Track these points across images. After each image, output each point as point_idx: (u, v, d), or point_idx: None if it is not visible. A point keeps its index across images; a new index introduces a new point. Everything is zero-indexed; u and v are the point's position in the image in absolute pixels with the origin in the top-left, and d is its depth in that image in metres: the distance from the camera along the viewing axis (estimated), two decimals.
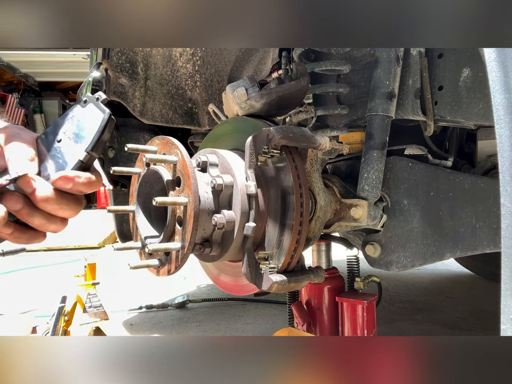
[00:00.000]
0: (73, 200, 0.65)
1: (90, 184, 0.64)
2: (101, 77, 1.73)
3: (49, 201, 0.62)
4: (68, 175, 0.62)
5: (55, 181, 0.61)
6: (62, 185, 0.62)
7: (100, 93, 0.69)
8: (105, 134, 0.66)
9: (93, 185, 0.65)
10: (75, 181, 0.62)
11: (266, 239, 1.01)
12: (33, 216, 0.63)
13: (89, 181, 0.64)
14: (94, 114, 0.67)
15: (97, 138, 0.65)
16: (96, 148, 0.65)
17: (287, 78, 1.20)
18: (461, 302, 2.97)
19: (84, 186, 0.64)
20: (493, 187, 1.11)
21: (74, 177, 0.62)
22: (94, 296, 2.08)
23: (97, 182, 0.66)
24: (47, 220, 0.64)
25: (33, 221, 0.64)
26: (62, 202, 0.63)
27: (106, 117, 0.66)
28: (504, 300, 0.56)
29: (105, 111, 0.66)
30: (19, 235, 0.65)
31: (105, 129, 0.66)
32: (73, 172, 0.63)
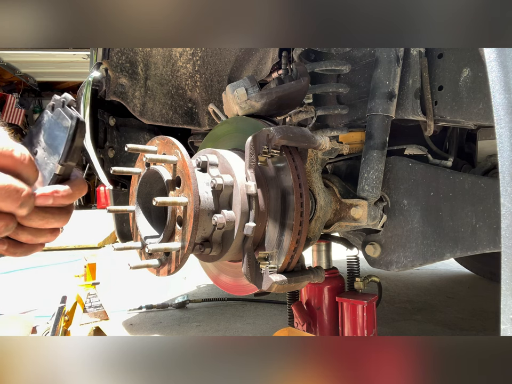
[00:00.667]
0: (58, 212, 0.65)
1: (71, 196, 0.64)
2: (101, 77, 1.73)
3: (33, 219, 0.62)
4: (45, 192, 0.62)
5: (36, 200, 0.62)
6: (42, 203, 0.62)
7: (65, 95, 0.66)
8: (77, 140, 0.63)
9: (75, 195, 0.65)
10: (54, 196, 0.62)
11: (266, 239, 1.01)
12: (19, 234, 0.63)
13: (69, 193, 0.64)
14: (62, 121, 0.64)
15: (68, 148, 0.63)
16: (70, 157, 0.63)
17: (287, 78, 1.20)
18: (461, 302, 2.97)
19: (64, 199, 0.64)
20: (493, 187, 1.11)
21: (52, 193, 0.62)
22: (94, 296, 2.08)
23: (78, 191, 0.65)
24: (34, 235, 0.64)
25: (20, 238, 0.64)
26: (47, 217, 0.63)
27: (73, 123, 0.63)
28: (504, 300, 0.56)
29: (73, 117, 0.63)
30: (14, 250, 0.66)
31: (75, 136, 0.63)
32: (51, 188, 0.63)
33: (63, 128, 0.64)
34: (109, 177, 1.90)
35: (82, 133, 0.64)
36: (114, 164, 1.89)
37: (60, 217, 0.65)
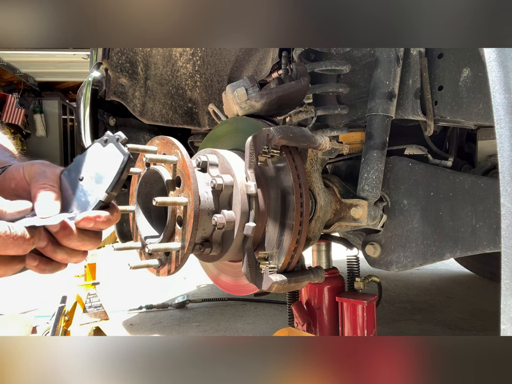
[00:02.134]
0: (93, 235, 0.69)
1: (109, 222, 0.69)
2: (101, 77, 1.73)
3: (72, 239, 0.66)
4: (90, 215, 0.66)
5: (78, 222, 0.66)
6: (84, 225, 0.66)
7: (119, 133, 0.72)
8: (124, 174, 0.69)
9: (112, 222, 0.70)
10: (96, 221, 0.66)
11: (266, 239, 1.01)
12: (56, 253, 0.67)
13: (109, 219, 0.68)
14: (114, 155, 0.71)
15: (116, 180, 0.68)
16: (116, 188, 0.69)
17: (287, 78, 1.20)
18: (461, 302, 2.97)
19: (103, 224, 0.68)
20: (493, 187, 1.11)
21: (95, 217, 0.66)
22: (94, 296, 2.08)
23: (115, 218, 0.70)
24: (69, 255, 0.68)
25: (56, 256, 0.68)
26: (84, 239, 0.68)
27: (125, 159, 0.70)
28: (504, 300, 0.56)
29: (125, 153, 0.70)
30: (44, 267, 0.69)
31: (124, 170, 0.69)
32: (95, 212, 0.67)
33: (113, 161, 0.70)
34: None
35: (129, 168, 0.70)
36: None
37: (95, 240, 0.69)
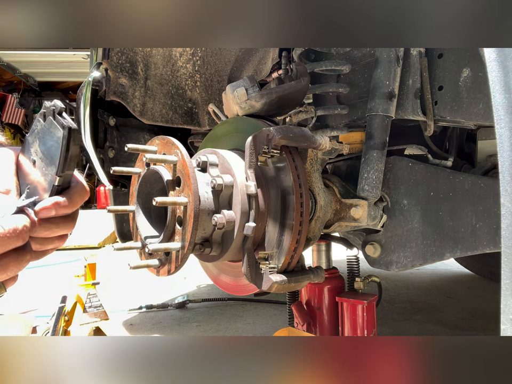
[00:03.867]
0: (62, 220, 0.66)
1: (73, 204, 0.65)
2: (101, 77, 1.73)
3: (39, 230, 0.64)
4: (46, 205, 0.63)
5: (37, 214, 0.63)
6: (45, 215, 0.63)
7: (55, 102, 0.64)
8: (72, 149, 0.62)
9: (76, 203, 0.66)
10: (56, 208, 0.64)
11: (266, 239, 1.01)
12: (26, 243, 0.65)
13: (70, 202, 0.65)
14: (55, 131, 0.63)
15: (63, 159, 0.62)
16: (66, 167, 0.63)
17: (287, 78, 1.20)
18: (461, 302, 2.97)
19: (66, 209, 0.65)
20: (493, 187, 1.11)
21: (53, 205, 0.63)
22: (94, 296, 2.08)
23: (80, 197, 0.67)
24: (42, 243, 0.67)
25: None
26: (51, 227, 0.65)
27: (66, 133, 0.62)
28: (504, 300, 0.56)
29: (64, 126, 0.62)
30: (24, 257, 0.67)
31: (69, 146, 0.62)
32: (51, 200, 0.64)
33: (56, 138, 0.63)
34: (109, 177, 1.90)
35: (76, 140, 0.63)
36: (114, 164, 1.89)
37: (64, 225, 0.67)
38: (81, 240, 6.26)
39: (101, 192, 10.41)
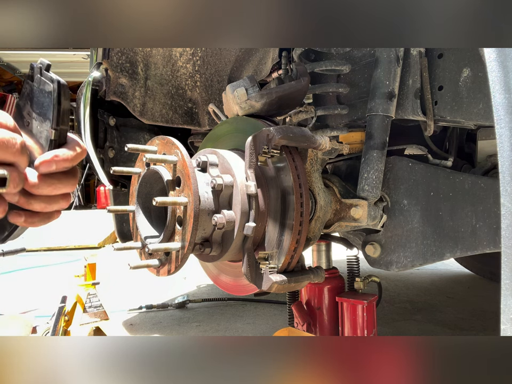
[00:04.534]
0: (64, 176, 0.66)
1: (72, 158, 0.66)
2: (101, 77, 1.73)
3: (41, 186, 0.64)
4: (46, 158, 0.63)
5: (38, 168, 0.63)
6: (45, 169, 0.64)
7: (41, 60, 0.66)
8: (64, 103, 0.64)
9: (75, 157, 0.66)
10: (56, 160, 0.64)
11: (266, 239, 1.01)
12: (31, 204, 0.65)
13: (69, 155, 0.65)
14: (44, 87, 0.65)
15: (56, 112, 0.63)
16: (60, 121, 0.64)
17: (287, 78, 1.20)
18: (461, 302, 2.97)
19: (66, 162, 0.65)
20: (493, 187, 1.11)
21: (52, 158, 0.63)
22: (94, 296, 2.08)
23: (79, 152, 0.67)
24: (46, 202, 0.66)
25: (34, 207, 0.66)
26: (54, 183, 0.65)
27: (55, 86, 0.63)
28: (504, 300, 0.56)
29: (54, 80, 0.63)
30: (32, 220, 0.68)
31: (60, 99, 0.63)
32: (50, 153, 0.64)
33: (47, 93, 0.64)
34: (109, 177, 1.90)
35: (66, 94, 0.64)
36: (114, 164, 1.89)
37: (67, 181, 0.67)
38: (81, 240, 6.27)
39: (101, 192, 10.41)
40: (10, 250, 2.16)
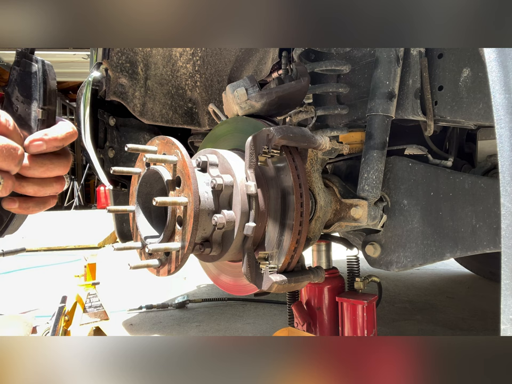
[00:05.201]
0: (56, 157, 0.65)
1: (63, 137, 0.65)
2: (101, 77, 1.73)
3: (32, 168, 0.63)
4: (35, 137, 0.62)
5: (28, 148, 0.62)
6: (35, 149, 0.62)
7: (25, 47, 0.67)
8: (50, 82, 0.64)
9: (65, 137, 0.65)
10: (45, 140, 0.63)
11: (266, 239, 1.01)
12: (24, 187, 0.64)
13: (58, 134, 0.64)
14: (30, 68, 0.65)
15: (43, 91, 0.64)
16: (47, 100, 0.64)
17: (287, 78, 1.20)
18: (461, 302, 2.97)
19: (57, 141, 0.64)
20: (493, 187, 1.11)
21: (42, 137, 0.63)
22: (94, 296, 2.08)
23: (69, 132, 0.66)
24: (39, 185, 0.65)
25: (27, 191, 0.65)
26: (46, 163, 0.64)
27: (39, 66, 0.64)
28: (504, 300, 0.56)
29: (38, 60, 0.64)
30: (26, 205, 0.66)
31: (45, 78, 0.64)
32: (39, 133, 0.63)
33: (32, 74, 0.64)
34: (109, 177, 1.90)
35: (52, 74, 0.65)
36: (114, 164, 1.89)
37: (59, 162, 0.65)
38: (81, 240, 6.27)
39: (101, 192, 10.41)
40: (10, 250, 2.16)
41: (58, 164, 0.65)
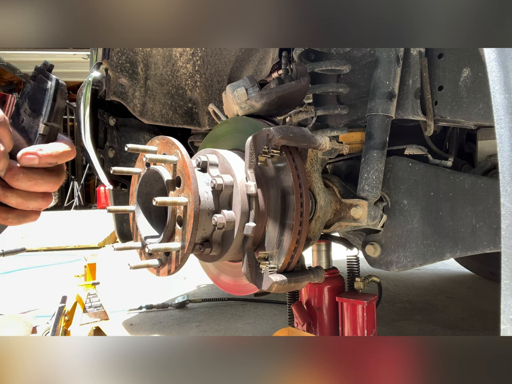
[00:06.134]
0: (47, 174, 0.64)
1: (58, 155, 0.64)
2: (101, 77, 1.73)
3: (21, 179, 0.62)
4: (29, 150, 0.62)
5: (20, 160, 0.62)
6: (28, 162, 0.62)
7: (44, 61, 0.69)
8: (59, 101, 0.66)
9: (61, 156, 0.65)
10: (39, 155, 0.62)
11: (266, 239, 1.01)
12: (8, 197, 0.63)
13: (54, 151, 0.64)
14: (43, 85, 0.67)
15: (50, 108, 0.65)
16: (52, 117, 0.65)
17: (287, 78, 1.20)
18: (461, 302, 2.97)
19: (51, 158, 0.63)
20: (493, 187, 1.11)
21: (36, 151, 0.62)
22: (94, 296, 2.08)
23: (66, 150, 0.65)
24: (24, 198, 0.64)
25: (10, 201, 0.64)
26: (35, 177, 0.63)
27: (53, 84, 0.66)
28: (504, 300, 0.56)
29: (52, 78, 0.66)
30: (6, 215, 0.65)
31: (56, 96, 0.65)
32: (35, 147, 0.63)
33: (44, 90, 0.66)
34: (109, 177, 1.90)
35: (63, 94, 0.66)
36: (114, 164, 1.89)
37: (49, 179, 0.65)
38: (81, 240, 6.27)
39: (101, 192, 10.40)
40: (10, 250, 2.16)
41: (48, 180, 0.65)
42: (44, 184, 0.64)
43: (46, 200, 0.67)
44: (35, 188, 0.64)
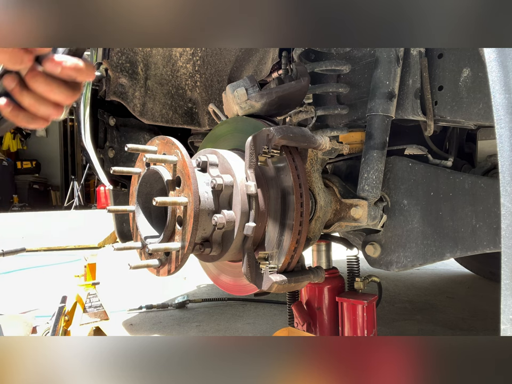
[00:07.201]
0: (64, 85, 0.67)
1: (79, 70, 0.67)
2: (101, 77, 1.73)
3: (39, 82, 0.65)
4: (55, 58, 0.65)
5: (44, 64, 0.64)
6: (50, 68, 0.65)
7: None
8: None
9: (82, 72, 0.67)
10: (62, 65, 0.65)
11: (266, 239, 1.01)
12: (23, 95, 0.66)
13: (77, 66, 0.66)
14: None
15: None
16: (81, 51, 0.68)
17: (287, 78, 1.20)
18: (461, 302, 2.97)
19: (72, 71, 0.66)
20: (493, 187, 1.11)
21: (61, 61, 0.65)
22: (94, 296, 2.08)
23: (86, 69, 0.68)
24: (37, 100, 0.67)
25: (23, 99, 0.66)
26: (52, 85, 0.66)
27: None
28: (504, 300, 0.56)
29: None
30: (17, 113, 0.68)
31: None
32: (61, 56, 0.66)
33: None
34: (109, 177, 1.90)
35: None
36: (114, 164, 1.89)
37: (65, 90, 0.67)
38: (81, 240, 6.27)
39: (101, 192, 10.40)
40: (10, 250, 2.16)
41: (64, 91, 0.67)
42: (58, 93, 0.67)
43: (57, 111, 0.69)
44: (49, 95, 0.66)
